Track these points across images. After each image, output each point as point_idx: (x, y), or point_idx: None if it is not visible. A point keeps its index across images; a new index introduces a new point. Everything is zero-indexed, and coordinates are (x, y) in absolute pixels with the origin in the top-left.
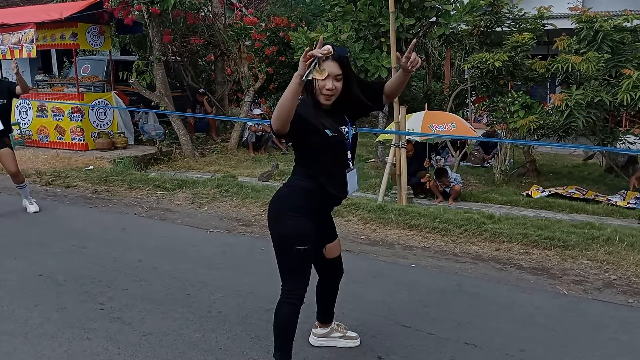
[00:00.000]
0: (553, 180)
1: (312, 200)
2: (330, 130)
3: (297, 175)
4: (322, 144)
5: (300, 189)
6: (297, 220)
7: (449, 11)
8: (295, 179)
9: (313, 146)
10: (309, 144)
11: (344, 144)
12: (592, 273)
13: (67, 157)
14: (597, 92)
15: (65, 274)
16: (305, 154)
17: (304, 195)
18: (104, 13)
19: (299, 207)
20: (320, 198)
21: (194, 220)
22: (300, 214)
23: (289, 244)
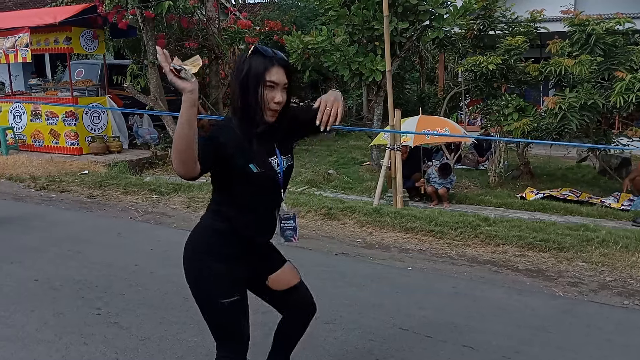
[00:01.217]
0: (547, 182)
1: (229, 245)
2: (255, 165)
3: (211, 213)
4: (244, 180)
5: (214, 232)
6: (215, 268)
7: (442, 15)
8: (209, 218)
9: (232, 180)
10: (227, 177)
11: (275, 179)
12: (587, 275)
13: (62, 161)
14: (590, 95)
15: (62, 279)
16: (222, 186)
17: (219, 239)
18: (98, 17)
19: (215, 252)
20: (239, 243)
21: (190, 224)
22: (221, 261)
23: (211, 298)
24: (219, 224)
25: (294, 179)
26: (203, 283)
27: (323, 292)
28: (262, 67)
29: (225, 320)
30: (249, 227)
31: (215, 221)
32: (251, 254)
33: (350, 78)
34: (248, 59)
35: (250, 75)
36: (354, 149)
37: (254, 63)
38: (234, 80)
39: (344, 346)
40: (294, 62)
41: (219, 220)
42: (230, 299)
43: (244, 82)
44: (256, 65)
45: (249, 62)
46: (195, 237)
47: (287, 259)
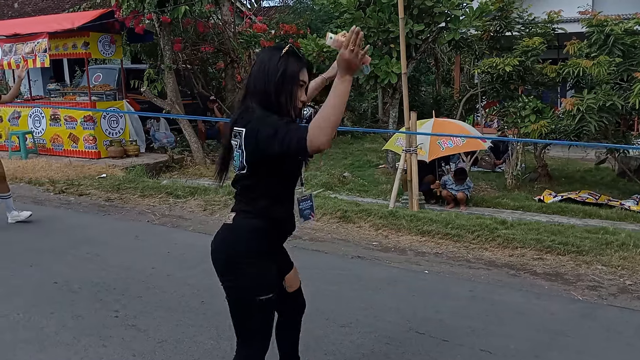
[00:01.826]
0: (565, 185)
1: (268, 242)
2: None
3: (245, 213)
4: (282, 170)
5: (252, 230)
6: (258, 266)
7: (458, 16)
8: (244, 218)
9: (281, 174)
10: (280, 172)
11: (300, 166)
12: (606, 278)
13: (80, 165)
14: (608, 96)
15: (80, 282)
16: (270, 181)
17: (258, 236)
18: (115, 22)
19: (255, 251)
20: (274, 239)
21: (207, 227)
22: (260, 259)
23: (249, 296)
24: (255, 221)
25: (309, 182)
26: (243, 281)
27: (339, 295)
28: (297, 68)
29: (259, 319)
30: (284, 218)
31: (251, 219)
32: (280, 250)
33: (366, 81)
34: (283, 60)
35: (286, 75)
36: (369, 152)
37: (290, 64)
38: (265, 79)
39: (360, 350)
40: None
41: (255, 218)
42: (268, 296)
43: (279, 81)
44: (292, 66)
45: (285, 63)
46: (233, 238)
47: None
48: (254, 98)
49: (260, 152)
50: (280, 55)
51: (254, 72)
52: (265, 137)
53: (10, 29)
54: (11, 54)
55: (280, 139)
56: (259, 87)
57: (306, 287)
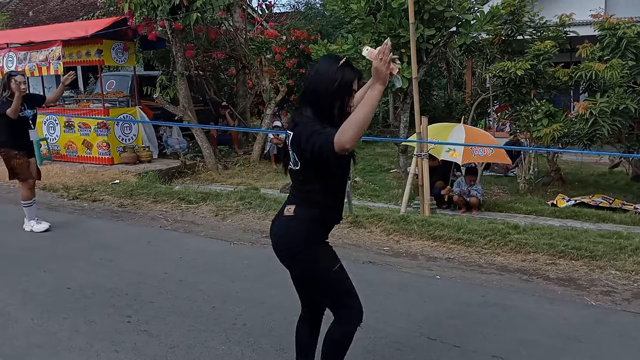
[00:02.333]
0: (579, 189)
1: (322, 229)
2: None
3: (303, 206)
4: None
5: (313, 220)
6: (320, 248)
7: (469, 21)
8: (303, 210)
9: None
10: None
11: (348, 164)
12: (620, 283)
13: (94, 171)
14: (622, 100)
15: (93, 287)
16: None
17: (319, 225)
18: (128, 30)
19: (317, 238)
20: (327, 226)
21: (218, 233)
22: (320, 242)
23: (325, 271)
24: (313, 212)
25: None
26: (314, 262)
27: None
28: (352, 78)
29: (342, 284)
30: (336, 209)
31: (309, 210)
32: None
33: None
34: (340, 70)
35: (342, 84)
36: (380, 157)
37: (346, 74)
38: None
39: (371, 355)
40: None
41: (312, 209)
42: (338, 264)
43: (335, 90)
44: (347, 76)
45: (341, 73)
46: (296, 228)
47: None
48: (308, 103)
49: (301, 154)
50: (338, 66)
51: (310, 78)
52: (304, 142)
53: (25, 37)
54: (25, 62)
55: (312, 142)
56: (314, 94)
57: None
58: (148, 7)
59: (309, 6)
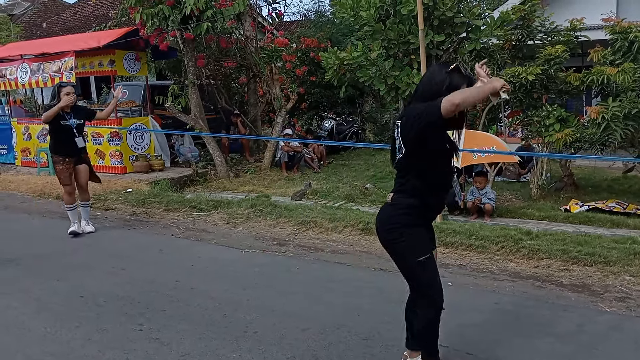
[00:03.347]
0: (592, 194)
1: (419, 215)
2: (447, 144)
3: (401, 194)
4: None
5: (407, 207)
6: (412, 235)
7: (479, 26)
8: (400, 198)
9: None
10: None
11: (451, 158)
12: (635, 289)
13: (107, 180)
14: (634, 104)
15: (106, 296)
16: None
17: (414, 212)
18: (140, 40)
19: (410, 224)
20: (425, 213)
21: (230, 241)
22: (414, 228)
23: (411, 259)
24: (408, 199)
25: (331, 194)
26: (403, 247)
27: (361, 308)
28: (460, 82)
29: (425, 275)
30: (432, 197)
31: (406, 198)
32: (429, 225)
33: (387, 92)
34: (449, 74)
35: (450, 87)
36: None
37: (454, 79)
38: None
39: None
40: (329, 78)
41: (408, 197)
42: (425, 256)
43: (445, 91)
44: (456, 81)
45: (450, 77)
46: (392, 213)
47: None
48: (418, 101)
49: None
50: (447, 71)
51: (423, 80)
52: (412, 118)
53: (39, 49)
54: (39, 73)
55: (419, 113)
56: (425, 94)
57: (328, 299)
58: (159, 17)
59: (319, 14)
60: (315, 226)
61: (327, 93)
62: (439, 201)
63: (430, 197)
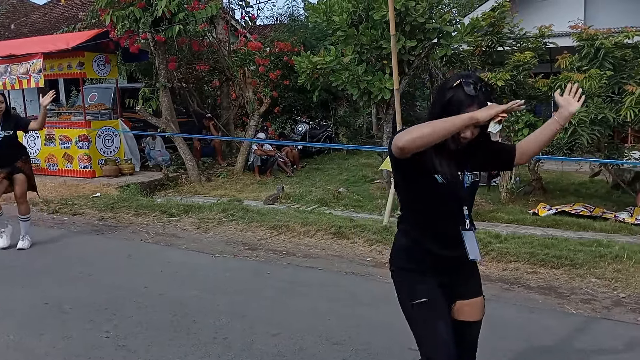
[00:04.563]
0: (560, 197)
1: (413, 260)
2: (442, 175)
3: (400, 232)
4: (427, 189)
5: (401, 249)
6: (406, 280)
7: (450, 32)
8: (398, 236)
9: (416, 189)
10: (412, 184)
11: (456, 194)
12: (600, 292)
13: (75, 184)
14: (600, 109)
15: (71, 302)
16: (407, 197)
17: (404, 254)
18: (110, 42)
19: (402, 267)
20: (424, 258)
21: (200, 245)
22: (408, 274)
23: (405, 303)
24: (403, 239)
25: (304, 198)
26: (397, 289)
27: (332, 312)
28: (461, 104)
29: (419, 324)
30: (429, 241)
31: (401, 238)
32: (440, 270)
33: (360, 97)
34: (453, 89)
35: (449, 105)
36: (364, 167)
37: (456, 96)
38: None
39: None
40: (303, 82)
41: (403, 236)
42: (420, 299)
43: (442, 107)
44: (458, 99)
45: (453, 93)
46: (391, 253)
47: (484, 294)
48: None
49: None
50: (451, 86)
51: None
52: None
53: (6, 50)
54: (6, 75)
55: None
56: (429, 110)
57: (299, 304)
58: (130, 19)
59: (292, 18)
60: (287, 230)
61: (300, 97)
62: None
63: (424, 241)
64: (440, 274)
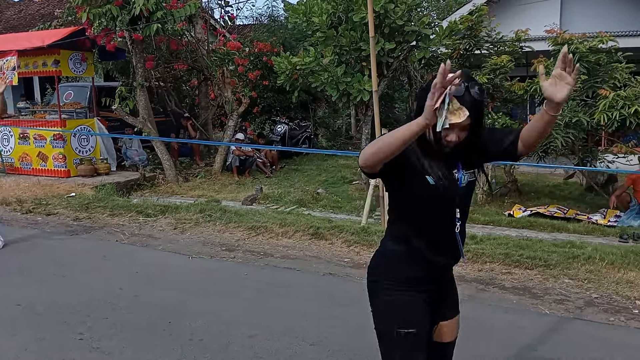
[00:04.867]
0: (535, 199)
1: (407, 269)
2: (433, 176)
3: (388, 236)
4: (420, 193)
5: (391, 255)
6: (396, 295)
7: (428, 35)
8: (386, 241)
9: (408, 194)
10: (403, 190)
11: (452, 196)
12: (573, 292)
13: (49, 184)
14: (574, 113)
15: (45, 304)
16: (398, 204)
17: (396, 262)
18: (87, 40)
19: (394, 278)
20: (418, 265)
21: (177, 246)
22: (400, 288)
23: (387, 327)
24: (395, 246)
25: (283, 199)
26: (381, 311)
27: (309, 313)
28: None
29: (397, 353)
30: (425, 247)
31: (391, 243)
32: (432, 278)
33: (339, 98)
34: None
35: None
36: (343, 168)
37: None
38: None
39: None
40: (282, 83)
41: (394, 242)
42: (409, 330)
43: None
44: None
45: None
46: (373, 262)
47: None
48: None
49: None
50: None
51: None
52: None
53: None
54: None
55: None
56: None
57: (276, 305)
58: (107, 17)
59: (272, 19)
60: (265, 231)
61: (279, 97)
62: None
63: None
64: (431, 282)
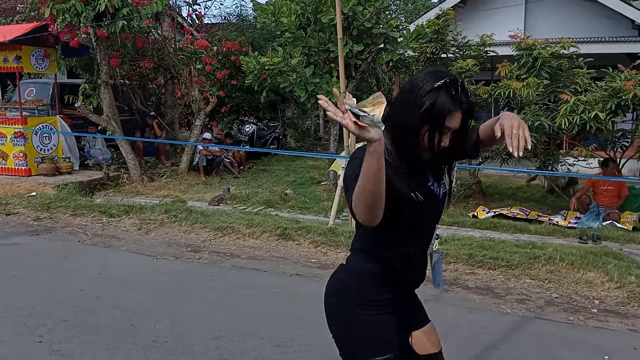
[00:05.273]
0: (498, 201)
1: (384, 290)
2: (416, 192)
3: (359, 253)
4: (404, 210)
5: (365, 275)
6: (372, 318)
7: (396, 38)
8: (357, 259)
9: (392, 211)
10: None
11: (432, 209)
12: (534, 292)
13: (9, 183)
14: (537, 117)
15: (4, 306)
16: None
17: (372, 283)
18: (50, 36)
19: (368, 300)
20: (395, 285)
21: (141, 247)
22: (376, 309)
23: (361, 355)
24: (370, 265)
25: (250, 199)
26: (353, 334)
27: (275, 314)
28: (446, 110)
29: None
30: (403, 267)
31: (365, 262)
32: (401, 303)
33: (307, 99)
34: (432, 94)
35: (431, 115)
36: (312, 169)
37: (441, 100)
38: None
39: None
40: (250, 82)
41: (369, 261)
42: (384, 356)
43: (425, 117)
44: (441, 105)
45: (433, 99)
46: (343, 282)
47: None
48: (389, 129)
49: None
50: (431, 88)
51: (396, 100)
52: (345, 179)
53: None
54: None
55: (346, 189)
56: (395, 120)
57: (242, 306)
58: (71, 13)
59: (241, 18)
60: (232, 232)
61: (248, 97)
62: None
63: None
64: (403, 300)
